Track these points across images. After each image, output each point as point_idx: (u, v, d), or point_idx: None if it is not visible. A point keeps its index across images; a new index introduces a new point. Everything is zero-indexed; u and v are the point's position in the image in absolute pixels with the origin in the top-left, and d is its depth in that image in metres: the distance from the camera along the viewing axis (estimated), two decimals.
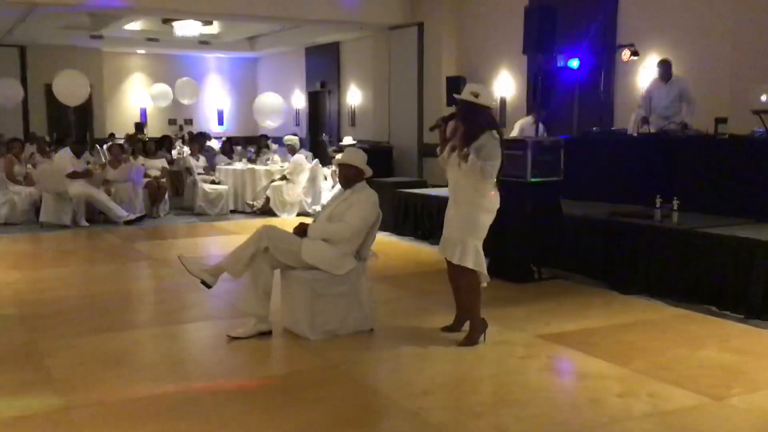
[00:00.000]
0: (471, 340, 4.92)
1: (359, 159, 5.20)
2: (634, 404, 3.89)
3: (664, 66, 8.64)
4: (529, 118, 10.62)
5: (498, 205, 4.95)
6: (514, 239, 6.93)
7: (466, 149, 4.73)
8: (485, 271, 4.95)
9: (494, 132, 4.83)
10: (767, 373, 4.37)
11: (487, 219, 4.92)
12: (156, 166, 11.99)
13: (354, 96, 16.87)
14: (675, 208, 6.49)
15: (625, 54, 9.66)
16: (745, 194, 6.83)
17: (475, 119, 4.81)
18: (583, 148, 8.36)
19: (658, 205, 6.65)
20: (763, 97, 6.57)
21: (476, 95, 4.80)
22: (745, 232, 5.98)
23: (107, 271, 7.61)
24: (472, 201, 4.84)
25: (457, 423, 3.67)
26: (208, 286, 5.06)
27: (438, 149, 5.12)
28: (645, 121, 8.45)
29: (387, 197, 9.76)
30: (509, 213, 6.99)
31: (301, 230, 5.10)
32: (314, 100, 18.91)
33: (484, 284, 5.01)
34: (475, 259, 4.85)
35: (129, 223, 10.57)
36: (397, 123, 14.61)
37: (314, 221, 5.29)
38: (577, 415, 3.80)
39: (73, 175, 10.44)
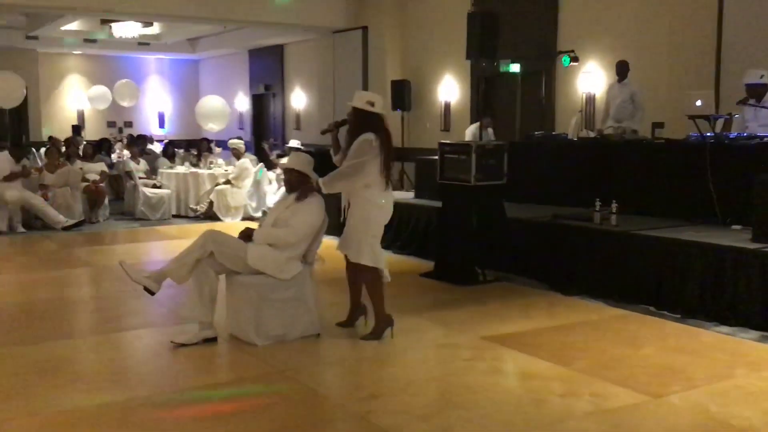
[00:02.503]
0: (375, 335, 5.11)
1: (304, 164, 5.17)
2: (576, 404, 3.97)
3: (620, 66, 8.87)
4: (477, 124, 10.81)
5: (391, 202, 5.17)
6: (458, 242, 7.01)
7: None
8: (383, 267, 5.10)
9: (371, 135, 4.98)
10: (704, 371, 4.50)
11: (381, 216, 5.11)
12: (95, 170, 11.71)
13: (299, 99, 16.80)
14: (613, 210, 6.65)
15: (565, 60, 9.86)
16: (679, 197, 7.04)
17: (367, 126, 5.02)
18: (525, 152, 8.50)
19: (597, 207, 6.80)
20: (698, 103, 6.76)
21: (372, 104, 5.04)
22: (681, 233, 6.16)
23: (45, 278, 7.40)
24: (364, 201, 5.02)
25: (405, 426, 3.68)
26: (152, 293, 4.96)
27: (331, 151, 5.33)
28: (600, 132, 8.62)
29: (334, 201, 9.70)
30: (453, 216, 7.12)
31: (247, 235, 5.06)
32: (258, 103, 18.75)
33: (387, 280, 5.16)
34: (371, 256, 5.01)
35: (67, 228, 10.30)
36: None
37: (260, 226, 5.24)
38: (522, 416, 3.85)
39: (10, 177, 10.11)
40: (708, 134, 6.91)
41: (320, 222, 5.10)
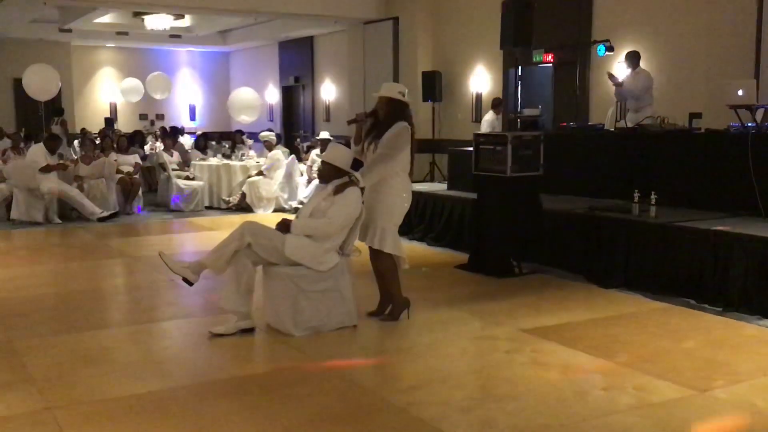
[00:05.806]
0: (393, 316, 5.32)
1: (340, 159, 5.14)
2: (619, 397, 3.91)
3: (629, 56, 8.86)
4: (492, 113, 11.01)
5: (411, 191, 5.30)
6: (494, 234, 6.95)
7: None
8: (403, 255, 5.28)
9: (406, 123, 5.14)
10: (748, 364, 4.42)
11: (405, 205, 5.26)
12: (129, 162, 11.81)
13: (329, 91, 16.80)
14: (653, 202, 6.55)
15: (601, 49, 9.72)
16: (720, 189, 6.91)
17: (399, 115, 5.16)
18: (560, 143, 8.39)
19: (636, 199, 6.71)
20: (740, 92, 6.63)
21: (402, 94, 5.20)
22: (722, 225, 6.05)
23: (82, 268, 7.48)
24: (391, 189, 5.15)
25: (446, 418, 3.65)
26: (190, 284, 4.97)
27: (352, 141, 5.41)
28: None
29: None
30: (489, 208, 7.06)
31: (284, 226, 5.04)
32: (288, 94, 18.79)
33: (405, 266, 5.33)
34: (392, 243, 5.17)
35: (102, 219, 10.41)
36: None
37: (297, 217, 5.25)
38: (564, 409, 3.80)
39: (47, 169, 10.24)
40: (749, 124, 6.78)
41: (358, 213, 5.08)
